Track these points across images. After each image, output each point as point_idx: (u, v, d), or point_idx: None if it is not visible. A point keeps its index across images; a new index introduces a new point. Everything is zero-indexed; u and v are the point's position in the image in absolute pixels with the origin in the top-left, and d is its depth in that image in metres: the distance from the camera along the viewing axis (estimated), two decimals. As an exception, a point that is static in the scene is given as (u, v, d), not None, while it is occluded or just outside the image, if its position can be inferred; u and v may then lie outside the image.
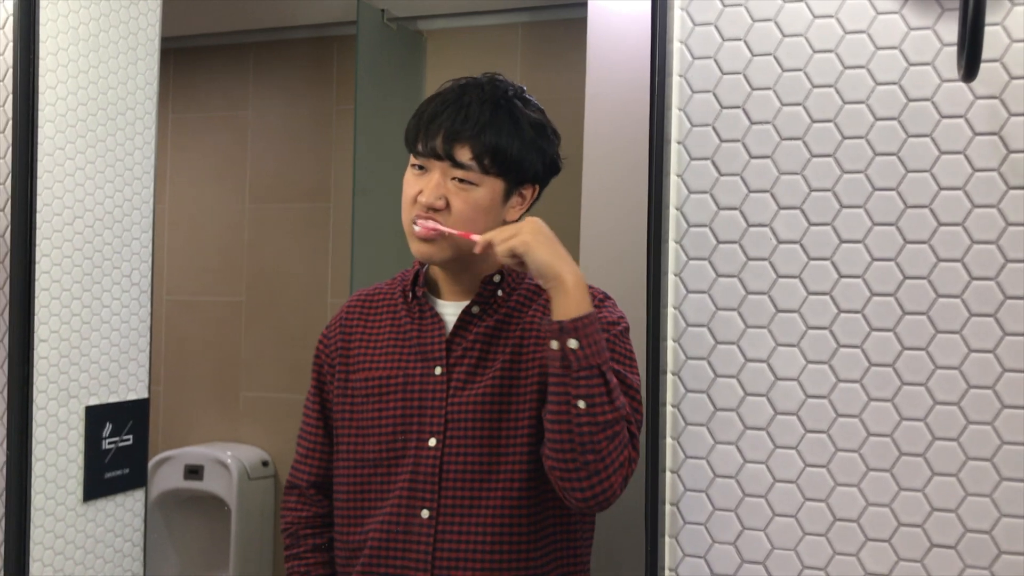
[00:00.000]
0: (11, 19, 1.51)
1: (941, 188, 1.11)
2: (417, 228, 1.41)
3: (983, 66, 1.08)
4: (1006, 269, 1.09)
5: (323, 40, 2.82)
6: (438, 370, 1.45)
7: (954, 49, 1.09)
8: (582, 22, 1.92)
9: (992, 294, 1.09)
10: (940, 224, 1.11)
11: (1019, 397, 1.08)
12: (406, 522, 1.42)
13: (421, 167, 1.43)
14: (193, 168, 2.95)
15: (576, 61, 1.94)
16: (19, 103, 1.46)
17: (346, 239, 2.60)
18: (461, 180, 1.41)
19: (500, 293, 1.48)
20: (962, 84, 1.10)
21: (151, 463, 2.71)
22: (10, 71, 1.52)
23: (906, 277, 1.12)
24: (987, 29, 1.08)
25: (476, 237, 1.33)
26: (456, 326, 1.44)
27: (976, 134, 1.10)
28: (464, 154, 1.40)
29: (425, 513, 1.42)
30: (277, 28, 2.81)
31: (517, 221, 1.49)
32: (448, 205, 1.40)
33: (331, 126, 2.82)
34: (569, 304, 1.29)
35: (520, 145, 1.43)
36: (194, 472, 2.75)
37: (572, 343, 1.27)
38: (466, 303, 1.44)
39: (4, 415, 1.50)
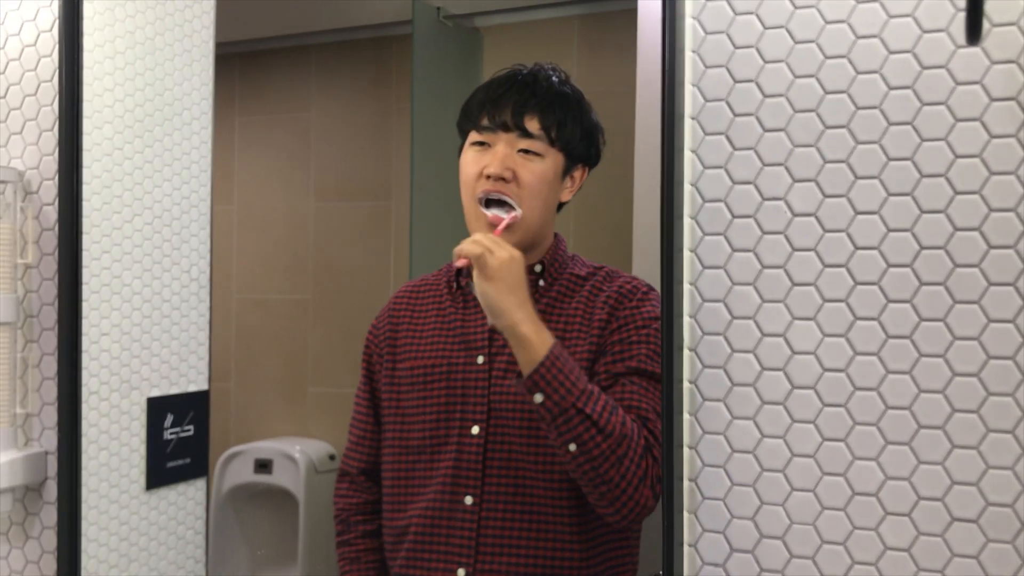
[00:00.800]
0: (57, 23, 1.57)
1: (957, 156, 1.09)
2: (490, 214, 1.43)
3: (999, 30, 1.07)
4: (1025, 237, 1.07)
5: (382, 40, 2.86)
6: (480, 359, 1.47)
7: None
8: (635, 12, 1.94)
9: (1011, 263, 1.07)
10: (957, 193, 1.09)
11: (1041, 367, 1.06)
12: (450, 508, 1.44)
13: (483, 143, 1.46)
14: (260, 170, 3.03)
15: (630, 51, 1.95)
16: (64, 103, 1.52)
17: (407, 236, 2.64)
18: (527, 152, 1.44)
19: (541, 283, 1.50)
20: (978, 50, 1.08)
21: (222, 458, 2.78)
22: (57, 72, 1.58)
23: (923, 247, 1.10)
24: (1003, -8, 1.07)
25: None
26: None
27: (993, 100, 1.08)
28: (533, 124, 1.43)
29: (469, 500, 1.44)
30: (337, 30, 2.86)
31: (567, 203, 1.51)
32: (515, 176, 1.43)
33: (391, 125, 2.86)
34: (529, 354, 1.31)
35: (581, 124, 1.47)
36: (263, 466, 2.81)
37: (538, 398, 1.29)
38: None
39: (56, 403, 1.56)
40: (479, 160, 1.45)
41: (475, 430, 1.45)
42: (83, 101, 1.53)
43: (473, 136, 1.47)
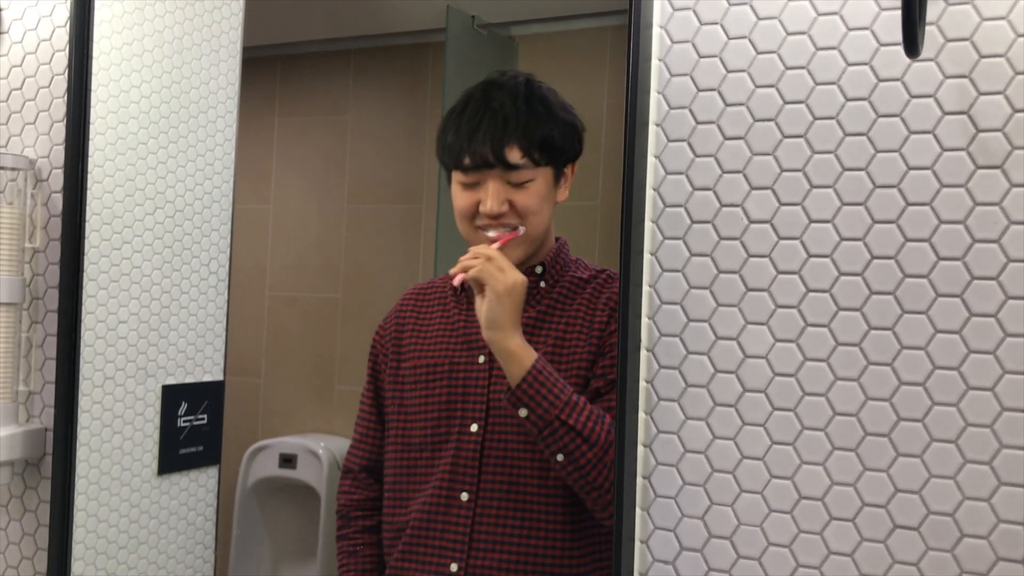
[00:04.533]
0: (69, 21, 1.64)
1: (910, 168, 1.10)
2: (492, 233, 1.47)
3: (952, 45, 1.08)
4: (973, 249, 1.07)
5: (418, 47, 2.92)
6: (481, 359, 1.51)
7: (925, 29, 1.09)
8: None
9: (959, 274, 1.08)
10: (908, 204, 1.10)
11: (986, 379, 1.06)
12: (446, 504, 1.48)
13: (471, 182, 1.49)
14: (297, 170, 3.10)
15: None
16: (73, 94, 1.59)
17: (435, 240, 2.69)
18: (516, 181, 1.46)
19: (543, 284, 1.53)
20: (932, 63, 1.09)
21: (249, 451, 2.85)
22: (67, 65, 1.64)
23: (874, 257, 1.11)
24: (957, 8, 1.08)
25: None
26: None
27: (945, 113, 1.09)
28: (515, 154, 1.45)
29: (465, 496, 1.47)
30: (375, 35, 2.92)
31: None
32: (512, 206, 1.46)
33: (425, 131, 2.92)
34: (515, 368, 1.37)
35: (559, 130, 1.49)
36: (288, 461, 2.87)
37: (522, 412, 1.33)
38: None
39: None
40: (472, 196, 1.47)
41: (474, 428, 1.48)
42: (91, 93, 1.60)
43: (459, 177, 1.50)
